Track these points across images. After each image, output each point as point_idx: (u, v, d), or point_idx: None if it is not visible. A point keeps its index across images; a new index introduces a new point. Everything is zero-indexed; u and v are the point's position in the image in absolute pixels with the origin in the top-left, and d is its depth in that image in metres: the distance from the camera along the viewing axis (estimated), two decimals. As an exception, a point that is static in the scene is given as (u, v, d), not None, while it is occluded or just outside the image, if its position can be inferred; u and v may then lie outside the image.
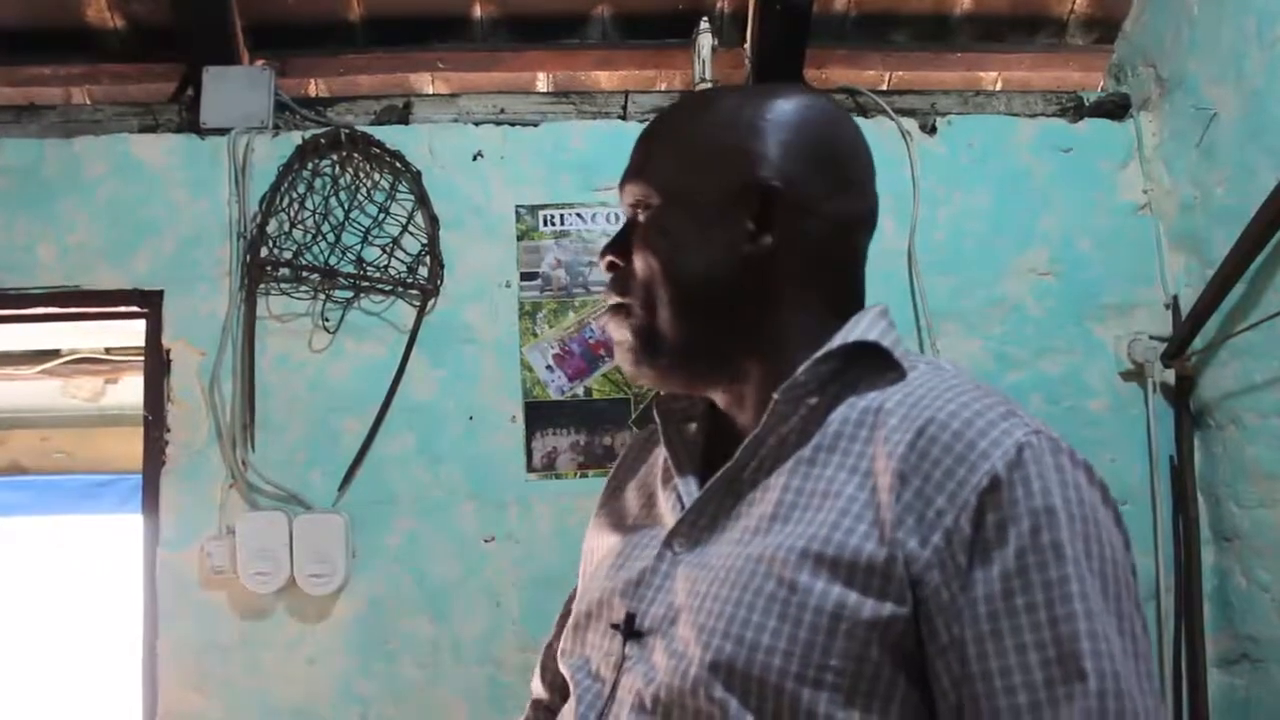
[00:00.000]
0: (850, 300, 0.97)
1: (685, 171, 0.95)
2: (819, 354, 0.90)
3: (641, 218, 0.97)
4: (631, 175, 0.99)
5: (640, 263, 0.96)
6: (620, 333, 0.98)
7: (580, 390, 2.36)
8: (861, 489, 0.82)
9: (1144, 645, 0.76)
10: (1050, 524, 0.76)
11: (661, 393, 1.05)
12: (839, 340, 0.90)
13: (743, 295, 0.93)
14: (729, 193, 0.93)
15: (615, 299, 0.98)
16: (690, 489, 0.97)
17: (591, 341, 2.35)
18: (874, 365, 0.91)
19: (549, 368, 2.36)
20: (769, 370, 0.93)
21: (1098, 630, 0.73)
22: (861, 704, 0.78)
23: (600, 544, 1.07)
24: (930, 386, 0.86)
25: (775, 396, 0.89)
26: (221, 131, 2.39)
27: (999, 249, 2.48)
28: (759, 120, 0.94)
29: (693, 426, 1.05)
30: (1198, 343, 2.34)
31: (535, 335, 2.37)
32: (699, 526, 0.92)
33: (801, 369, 0.89)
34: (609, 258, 0.99)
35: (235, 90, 2.41)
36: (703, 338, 0.94)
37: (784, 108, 0.95)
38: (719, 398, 1.00)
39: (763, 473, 0.90)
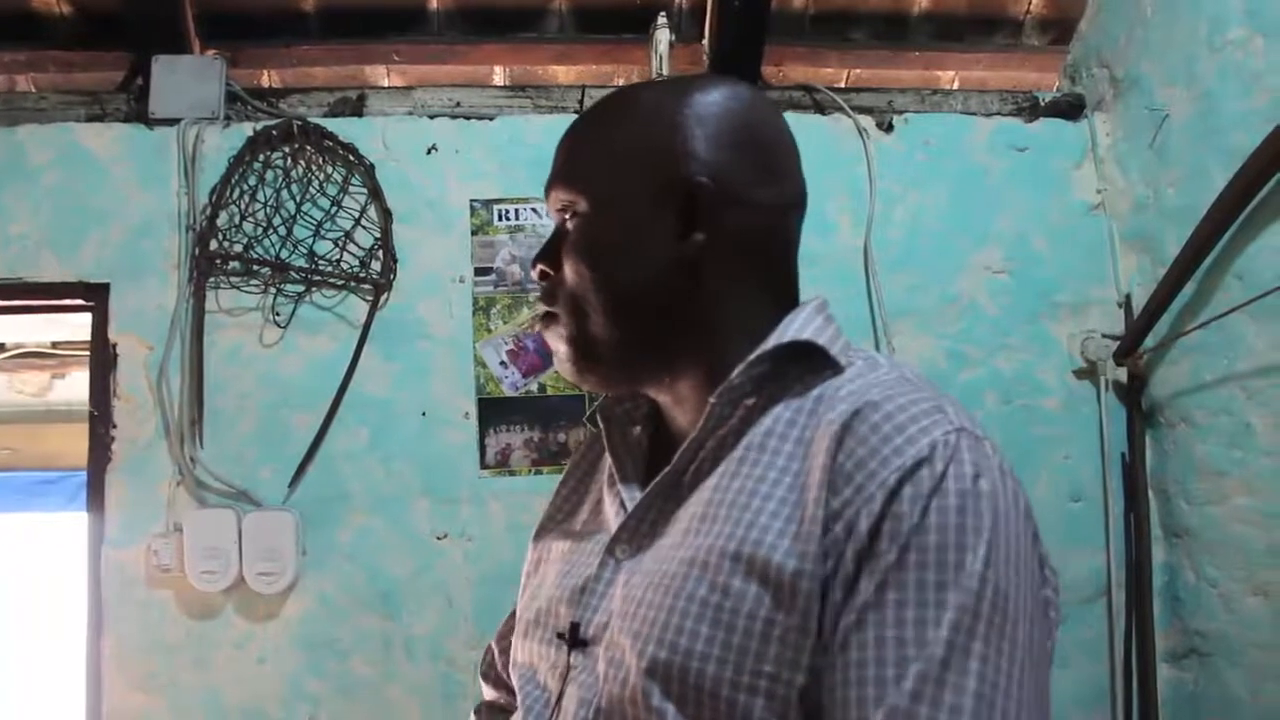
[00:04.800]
0: (786, 289, 0.96)
1: (609, 174, 0.93)
2: (753, 356, 0.89)
3: (569, 225, 0.95)
4: (556, 180, 0.97)
5: (570, 271, 0.94)
6: (554, 343, 0.97)
7: (534, 386, 2.34)
8: (791, 489, 0.81)
9: (1022, 667, 0.74)
10: (949, 526, 0.74)
11: (606, 395, 1.04)
12: (773, 341, 0.89)
13: (676, 296, 0.92)
14: (655, 193, 0.91)
15: (544, 308, 0.97)
16: (633, 494, 0.96)
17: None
18: (810, 362, 0.90)
19: (503, 363, 2.34)
20: (708, 369, 0.92)
21: (972, 646, 0.72)
22: (797, 710, 0.76)
23: (549, 551, 1.05)
24: (863, 383, 0.85)
25: (711, 400, 0.88)
26: (171, 122, 2.34)
27: (955, 247, 2.49)
28: (679, 115, 0.93)
29: (637, 429, 1.04)
30: (1149, 341, 2.36)
31: (489, 331, 2.35)
32: (640, 533, 0.91)
33: (736, 372, 0.88)
34: (540, 267, 0.97)
35: (185, 80, 2.37)
36: (637, 342, 0.93)
37: (704, 99, 0.93)
38: (661, 398, 0.99)
39: (701, 475, 0.89)
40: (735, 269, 0.93)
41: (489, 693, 1.20)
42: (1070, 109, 2.61)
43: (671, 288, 0.92)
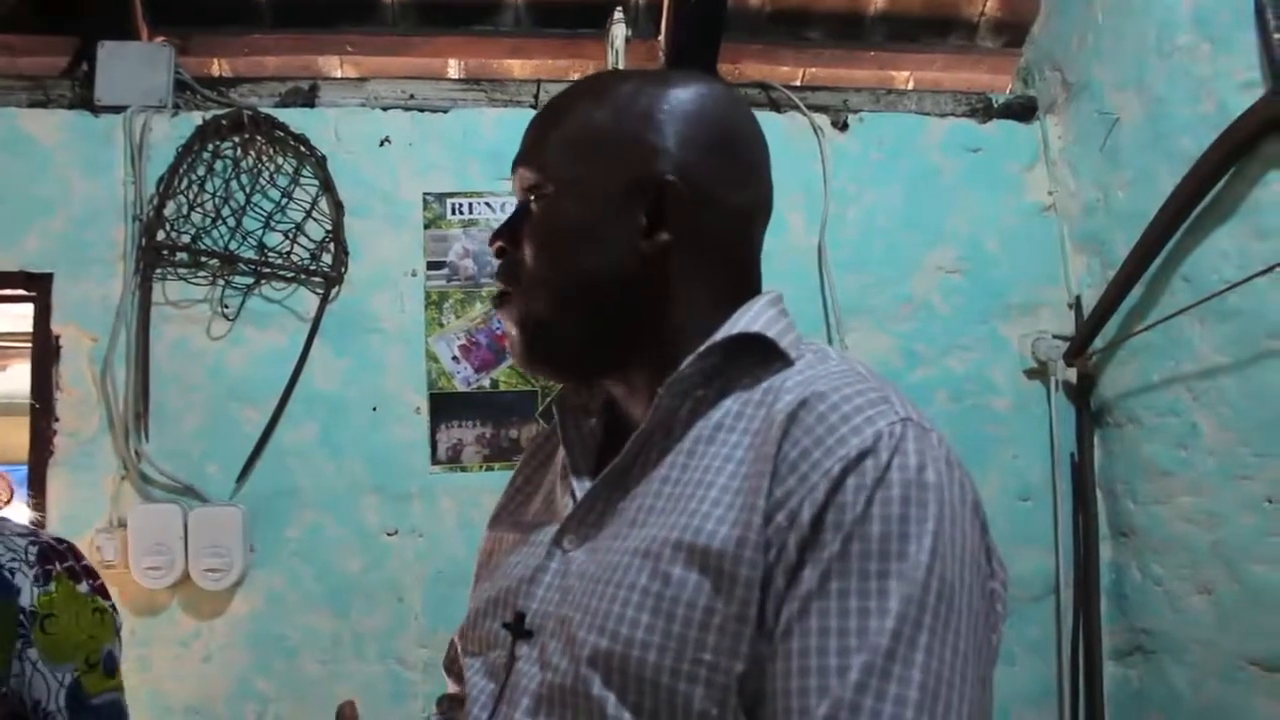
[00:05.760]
0: (745, 290, 0.95)
1: (580, 161, 0.92)
2: (703, 347, 0.88)
3: (534, 206, 0.94)
4: (524, 159, 0.96)
5: (530, 253, 0.93)
6: (507, 324, 0.96)
7: (486, 382, 2.32)
8: (734, 478, 0.81)
9: (966, 658, 0.74)
10: (893, 516, 0.74)
11: (560, 386, 1.03)
12: (723, 332, 0.89)
13: (635, 291, 0.91)
14: (625, 187, 0.91)
15: (501, 287, 0.96)
16: (584, 485, 0.95)
17: (499, 333, 2.32)
18: (761, 355, 0.89)
19: (455, 359, 2.32)
20: (661, 364, 0.91)
21: (917, 638, 0.71)
22: (736, 700, 0.76)
23: (500, 541, 1.05)
24: (812, 374, 0.85)
25: (660, 392, 0.88)
26: (117, 109, 2.30)
27: (908, 247, 2.51)
28: (656, 110, 0.92)
29: (592, 421, 1.03)
30: (1098, 342, 2.39)
31: (441, 325, 2.33)
32: (587, 523, 0.90)
33: (686, 362, 0.88)
34: (499, 243, 0.96)
35: (133, 67, 2.33)
36: (591, 333, 0.92)
37: (681, 97, 0.93)
38: (614, 390, 0.98)
39: (649, 466, 0.89)
40: (697, 268, 0.92)
41: (452, 686, 1.19)
42: (1023, 111, 2.63)
43: (630, 282, 0.91)
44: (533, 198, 0.94)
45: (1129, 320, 2.30)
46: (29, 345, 2.28)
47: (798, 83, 2.71)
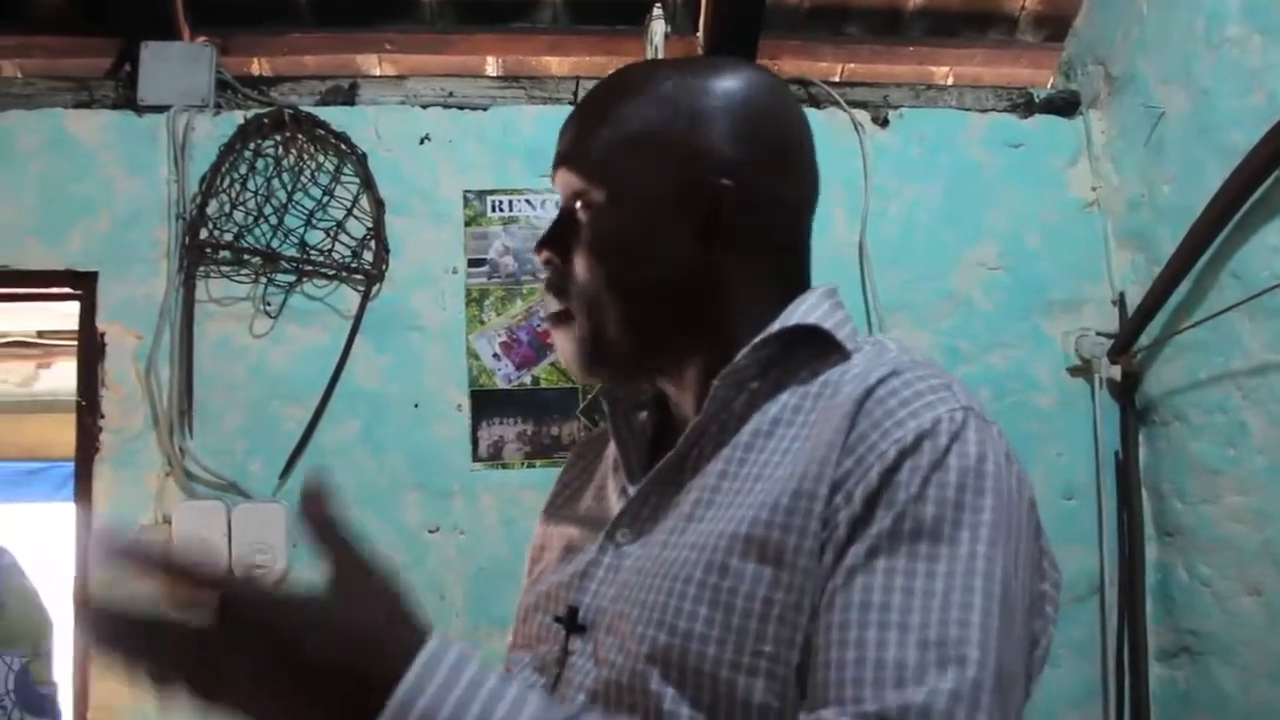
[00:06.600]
0: (798, 282, 0.94)
1: (628, 164, 0.90)
2: (758, 339, 0.87)
3: (582, 215, 0.92)
4: (567, 160, 0.93)
5: (583, 267, 0.91)
6: (563, 341, 0.94)
7: (527, 379, 2.33)
8: (793, 471, 0.79)
9: (1009, 645, 0.72)
10: (948, 500, 0.73)
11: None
12: (778, 324, 0.88)
13: (692, 296, 0.90)
14: (676, 191, 0.89)
15: (555, 305, 0.94)
16: (636, 480, 0.94)
17: (539, 330, 2.32)
18: (818, 348, 0.88)
19: (496, 356, 2.32)
20: (715, 359, 0.90)
21: (950, 619, 0.69)
22: (795, 691, 0.75)
23: (551, 537, 1.04)
24: (871, 366, 0.83)
25: (715, 383, 0.87)
26: (160, 109, 2.31)
27: (949, 243, 2.49)
28: (702, 106, 0.90)
29: (643, 415, 1.03)
30: (1144, 339, 2.36)
31: (482, 323, 2.33)
32: (641, 517, 0.90)
33: (741, 354, 0.87)
34: (547, 253, 0.93)
35: (175, 67, 2.34)
36: (649, 338, 0.91)
37: (726, 89, 0.91)
38: (666, 386, 0.97)
39: (704, 460, 0.88)
40: (751, 265, 0.91)
41: None
42: (1065, 106, 2.60)
43: (686, 285, 0.90)
44: (579, 204, 0.92)
45: (1175, 317, 2.27)
46: (75, 343, 2.30)
47: (837, 79, 2.69)
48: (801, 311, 0.89)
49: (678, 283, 0.90)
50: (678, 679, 0.77)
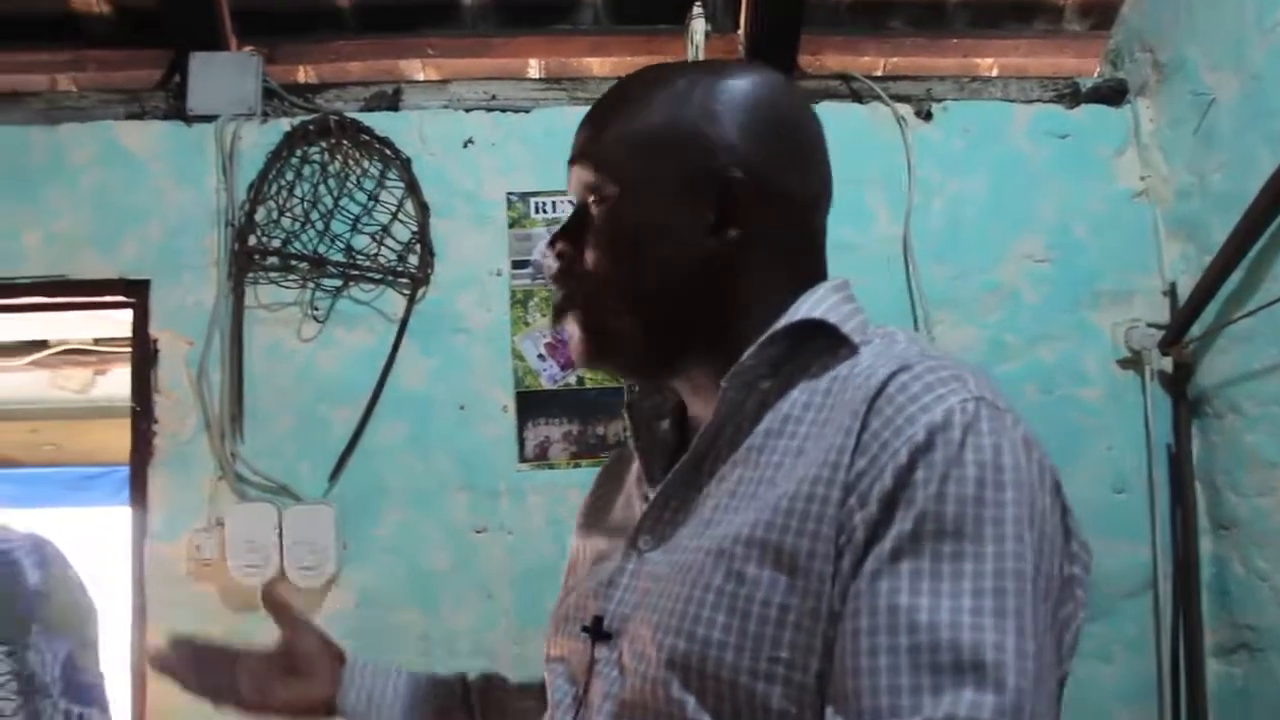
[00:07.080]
0: (811, 278, 0.93)
1: (640, 159, 0.90)
2: (764, 336, 0.86)
3: (595, 209, 0.92)
4: (581, 158, 0.94)
5: (593, 260, 0.91)
6: (572, 328, 0.94)
7: (573, 379, 2.34)
8: (806, 471, 0.79)
9: (1043, 642, 0.71)
10: (967, 497, 0.72)
11: (630, 389, 1.02)
12: (784, 320, 0.87)
13: (702, 290, 0.90)
14: (688, 184, 0.89)
15: (562, 293, 0.94)
16: (657, 487, 0.94)
17: (584, 330, 2.32)
18: (827, 343, 0.87)
19: (541, 356, 2.34)
20: (726, 358, 0.88)
21: (984, 623, 0.69)
22: (813, 697, 0.75)
23: (583, 548, 1.05)
24: (880, 359, 0.82)
25: (723, 384, 0.86)
26: (209, 118, 2.36)
27: (995, 236, 2.46)
28: (713, 102, 0.90)
29: (664, 424, 1.03)
30: (1195, 330, 2.32)
31: (527, 324, 2.35)
32: (661, 522, 0.90)
33: (747, 353, 0.86)
34: (560, 246, 0.93)
35: (222, 77, 2.38)
36: (656, 332, 0.91)
37: (736, 86, 0.91)
38: (680, 388, 0.97)
39: (720, 462, 0.87)
40: (763, 261, 0.91)
41: None
42: (1112, 95, 2.57)
43: (697, 280, 0.89)
44: (592, 199, 0.93)
45: (1228, 307, 2.23)
46: (129, 350, 2.35)
47: (879, 73, 2.67)
48: (808, 306, 0.88)
49: (689, 276, 0.89)
50: (698, 686, 0.77)
